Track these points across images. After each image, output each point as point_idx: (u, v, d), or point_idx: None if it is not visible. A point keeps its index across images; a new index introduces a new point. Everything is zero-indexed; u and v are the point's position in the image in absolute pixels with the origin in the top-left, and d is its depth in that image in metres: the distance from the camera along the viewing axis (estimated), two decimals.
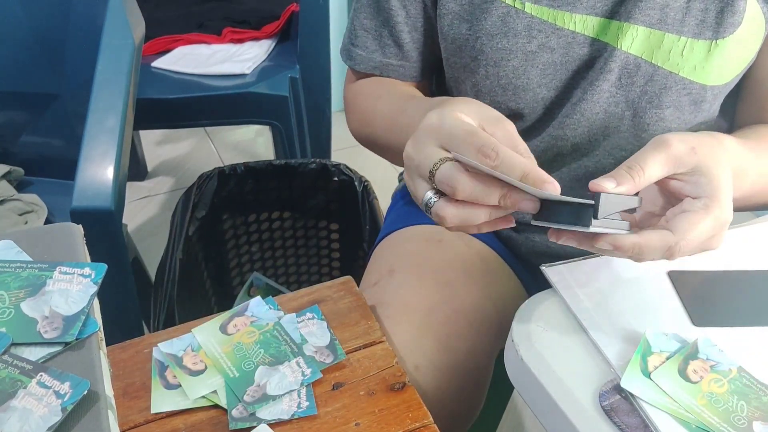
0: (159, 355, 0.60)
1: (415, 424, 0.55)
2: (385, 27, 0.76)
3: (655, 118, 0.70)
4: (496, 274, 0.80)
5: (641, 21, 0.66)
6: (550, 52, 0.68)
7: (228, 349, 0.60)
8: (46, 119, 1.28)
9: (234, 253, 1.32)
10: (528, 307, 0.59)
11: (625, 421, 0.49)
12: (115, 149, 1.00)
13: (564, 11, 0.67)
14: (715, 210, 0.51)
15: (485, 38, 0.69)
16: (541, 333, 0.56)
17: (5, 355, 0.44)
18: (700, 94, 0.69)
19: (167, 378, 0.58)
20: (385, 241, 0.85)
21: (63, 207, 1.12)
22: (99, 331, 0.47)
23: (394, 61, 0.78)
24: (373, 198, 1.22)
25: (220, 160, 2.17)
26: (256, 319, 0.63)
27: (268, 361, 0.59)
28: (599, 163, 0.74)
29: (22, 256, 0.52)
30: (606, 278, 0.61)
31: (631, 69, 0.68)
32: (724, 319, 0.58)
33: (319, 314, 0.64)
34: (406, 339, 0.67)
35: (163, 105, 1.44)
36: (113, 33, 1.07)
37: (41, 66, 1.22)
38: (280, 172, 1.25)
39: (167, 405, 0.56)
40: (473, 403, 0.73)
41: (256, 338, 0.61)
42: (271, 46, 1.59)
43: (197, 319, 0.63)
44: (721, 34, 0.66)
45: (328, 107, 1.61)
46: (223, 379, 0.57)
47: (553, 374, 0.52)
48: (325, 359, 0.60)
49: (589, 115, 0.70)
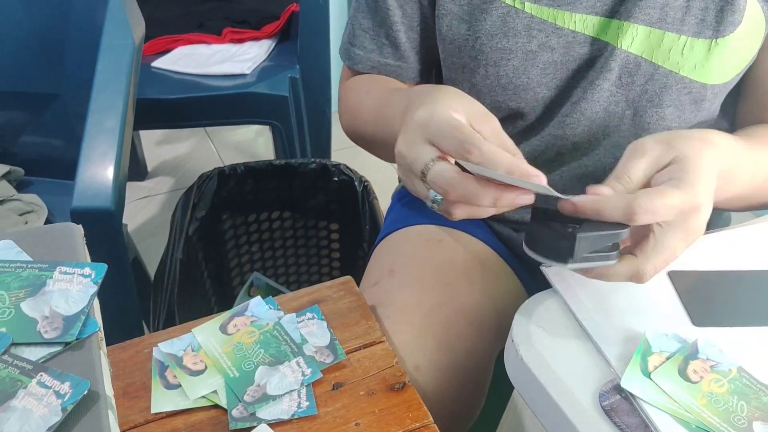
0: (159, 355, 0.60)
1: (416, 424, 0.55)
2: (382, 27, 0.76)
3: (656, 117, 0.70)
4: (496, 274, 0.80)
5: (641, 20, 0.66)
6: (550, 52, 0.68)
7: (228, 348, 0.60)
8: (46, 119, 1.28)
9: (234, 253, 1.32)
10: (528, 307, 0.59)
11: (625, 421, 0.49)
12: (115, 149, 1.00)
13: (564, 10, 0.67)
14: (685, 188, 0.50)
15: (485, 38, 0.69)
16: (541, 333, 0.56)
17: (5, 355, 0.44)
18: (700, 93, 0.69)
19: (167, 378, 0.58)
20: (385, 241, 0.85)
21: (63, 207, 1.12)
22: (99, 331, 0.47)
23: (391, 61, 0.78)
24: (373, 198, 1.22)
25: (220, 160, 2.17)
26: (257, 319, 0.63)
27: (268, 361, 0.59)
28: (599, 162, 0.74)
29: (22, 256, 0.52)
30: None
31: (631, 68, 0.68)
32: (724, 319, 0.58)
33: (319, 314, 0.64)
34: (406, 339, 0.67)
35: (163, 105, 1.44)
36: (113, 33, 1.07)
37: (41, 66, 1.22)
38: (280, 172, 1.25)
39: (167, 405, 0.56)
40: (473, 403, 0.73)
41: (256, 338, 0.61)
42: (271, 46, 1.59)
43: (197, 319, 0.63)
44: (721, 32, 0.66)
45: (328, 107, 1.61)
46: (223, 379, 0.57)
47: (553, 374, 0.52)
48: (325, 359, 0.60)
49: (589, 114, 0.71)
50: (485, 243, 0.82)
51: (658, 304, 0.59)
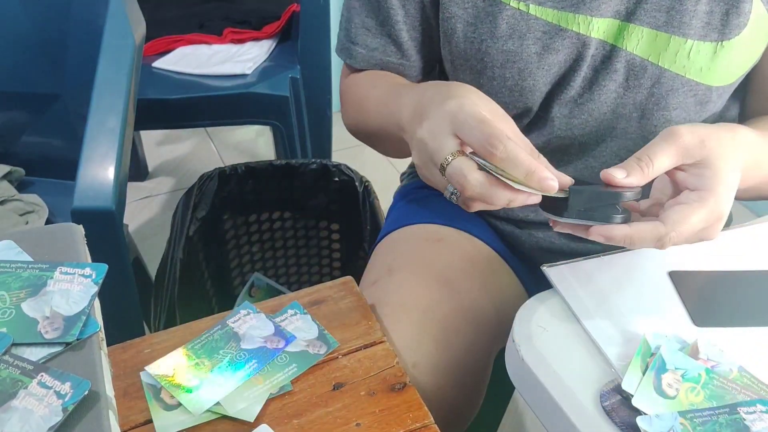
0: (148, 378, 0.58)
1: (416, 424, 0.55)
2: (384, 26, 0.76)
3: (662, 120, 0.70)
4: (496, 274, 0.80)
5: (647, 23, 0.67)
6: (555, 54, 0.68)
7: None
8: (46, 119, 1.27)
9: (235, 254, 1.32)
10: (529, 307, 0.59)
11: (625, 421, 0.49)
12: (116, 149, 1.00)
13: (569, 13, 0.67)
14: (710, 203, 0.52)
15: (491, 41, 0.69)
16: (542, 333, 0.56)
17: (6, 355, 0.44)
18: (705, 95, 0.69)
19: (164, 400, 0.57)
20: (384, 240, 0.85)
21: (64, 207, 1.12)
22: (100, 331, 0.47)
23: (394, 59, 0.78)
24: (374, 198, 1.22)
25: (221, 160, 2.17)
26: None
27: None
28: (605, 164, 0.74)
29: (23, 256, 0.52)
30: (607, 278, 0.61)
31: (637, 71, 0.68)
32: (724, 320, 0.58)
33: (300, 309, 0.64)
34: (405, 337, 0.67)
35: (164, 105, 1.44)
36: (114, 33, 1.07)
37: (42, 66, 1.22)
38: (280, 173, 1.25)
39: (174, 426, 0.55)
40: (472, 401, 0.74)
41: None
42: (272, 47, 1.59)
43: (198, 319, 0.64)
44: (726, 35, 0.66)
45: (328, 107, 1.61)
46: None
47: (554, 374, 0.52)
48: (318, 350, 0.60)
49: (596, 115, 0.71)
50: (485, 242, 0.82)
51: (659, 304, 0.59)
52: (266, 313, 0.63)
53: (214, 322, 0.63)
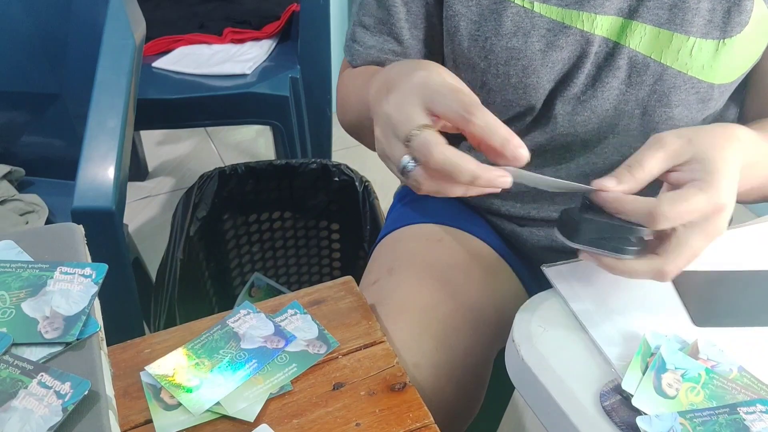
0: (148, 378, 0.58)
1: (416, 424, 0.55)
2: (386, 24, 0.76)
3: (664, 117, 0.70)
4: (496, 273, 0.80)
5: (649, 20, 0.67)
6: (559, 51, 0.69)
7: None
8: (46, 119, 1.28)
9: (235, 254, 1.32)
10: (529, 307, 0.59)
11: (625, 421, 0.49)
12: (116, 149, 1.00)
13: (572, 10, 0.67)
14: (709, 190, 0.51)
15: (495, 38, 0.69)
16: (542, 333, 0.56)
17: (6, 355, 0.45)
18: (707, 92, 0.69)
19: (164, 400, 0.57)
20: (384, 240, 0.85)
21: (64, 207, 1.12)
22: (100, 331, 0.47)
23: (392, 57, 0.78)
24: (374, 198, 1.22)
25: (221, 160, 2.17)
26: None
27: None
28: (607, 160, 0.74)
29: (23, 256, 0.52)
30: (607, 278, 0.61)
31: (640, 68, 0.69)
32: (724, 320, 0.58)
33: (300, 309, 0.64)
34: (405, 337, 0.67)
35: (164, 105, 1.44)
36: (114, 33, 1.07)
37: (42, 66, 1.22)
38: (280, 173, 1.25)
39: (174, 426, 0.54)
40: (472, 401, 0.74)
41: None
42: (272, 47, 1.59)
43: (198, 319, 0.64)
44: (728, 33, 0.66)
45: (328, 107, 1.61)
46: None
47: (553, 374, 0.52)
48: (318, 350, 0.60)
49: (599, 112, 0.71)
50: (485, 242, 0.82)
51: (659, 304, 0.59)
52: (266, 312, 0.63)
53: (214, 322, 0.63)
